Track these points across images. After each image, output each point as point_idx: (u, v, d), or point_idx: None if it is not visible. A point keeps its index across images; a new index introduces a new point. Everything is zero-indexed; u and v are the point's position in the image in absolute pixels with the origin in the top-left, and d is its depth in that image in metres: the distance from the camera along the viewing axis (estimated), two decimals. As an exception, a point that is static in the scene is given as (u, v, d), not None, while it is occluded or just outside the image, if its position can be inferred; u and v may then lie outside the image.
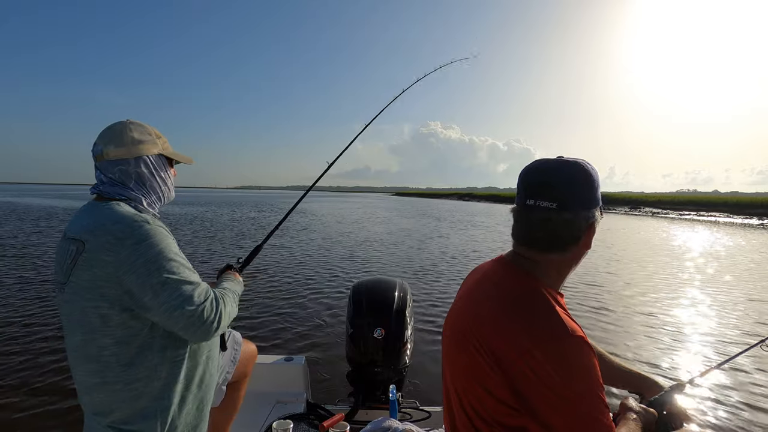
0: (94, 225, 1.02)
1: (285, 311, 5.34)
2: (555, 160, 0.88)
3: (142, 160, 1.17)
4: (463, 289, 1.01)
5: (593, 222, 0.86)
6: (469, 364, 0.85)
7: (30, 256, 8.64)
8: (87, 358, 1.04)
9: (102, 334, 1.01)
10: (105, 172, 1.13)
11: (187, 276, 1.05)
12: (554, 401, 0.73)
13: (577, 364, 0.74)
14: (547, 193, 0.84)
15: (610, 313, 5.62)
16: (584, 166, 0.87)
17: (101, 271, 0.99)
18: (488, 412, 0.82)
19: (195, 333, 1.04)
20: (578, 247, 0.87)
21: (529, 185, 0.87)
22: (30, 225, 14.99)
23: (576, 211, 0.84)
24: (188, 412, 1.12)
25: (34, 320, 4.69)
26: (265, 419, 2.07)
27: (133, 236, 1.00)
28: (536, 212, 0.85)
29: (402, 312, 2.22)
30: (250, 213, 25.88)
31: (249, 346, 1.69)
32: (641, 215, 35.27)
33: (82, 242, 1.01)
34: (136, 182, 1.16)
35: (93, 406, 1.07)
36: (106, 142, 1.13)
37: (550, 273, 0.88)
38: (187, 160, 1.32)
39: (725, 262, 10.38)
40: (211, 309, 1.06)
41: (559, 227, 0.84)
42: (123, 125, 1.16)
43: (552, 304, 0.81)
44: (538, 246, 0.87)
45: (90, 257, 1.00)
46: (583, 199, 0.85)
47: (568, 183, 0.84)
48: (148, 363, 1.04)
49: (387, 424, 1.62)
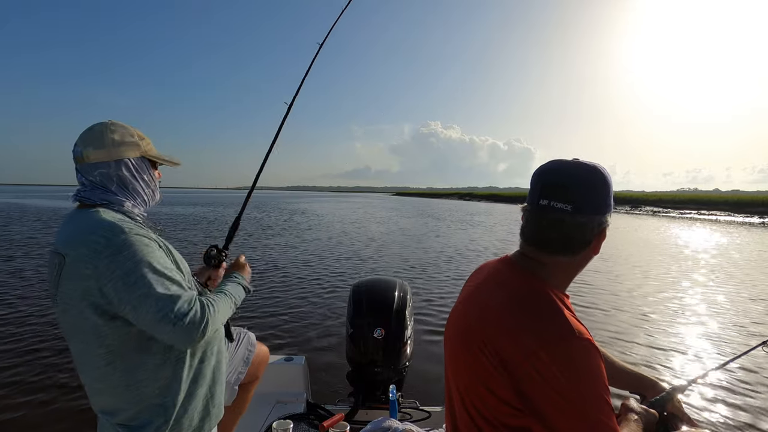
0: (72, 237, 1.01)
1: (285, 311, 5.34)
2: (572, 161, 0.87)
3: (123, 163, 1.13)
4: (466, 289, 1.00)
5: (604, 227, 0.86)
6: (472, 364, 0.84)
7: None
8: (87, 364, 1.05)
9: (96, 343, 1.01)
10: (85, 175, 1.10)
11: (168, 287, 1.00)
12: (560, 403, 0.73)
13: (584, 366, 0.74)
14: (563, 195, 0.83)
15: (608, 313, 5.62)
16: (601, 170, 0.86)
17: (83, 284, 0.98)
18: (491, 412, 0.82)
19: (178, 342, 1.02)
20: (588, 251, 0.86)
21: (544, 185, 0.85)
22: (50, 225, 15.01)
23: (590, 215, 0.83)
24: (195, 407, 1.12)
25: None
26: (265, 419, 2.07)
27: (110, 246, 0.98)
28: (550, 213, 0.83)
29: (402, 312, 2.22)
30: (253, 213, 25.86)
31: (262, 348, 1.68)
32: (642, 214, 35.26)
33: (63, 256, 1.00)
34: (118, 185, 1.13)
35: (100, 406, 1.09)
36: (86, 144, 1.10)
37: (557, 275, 0.87)
38: (172, 162, 1.28)
39: (725, 262, 10.37)
40: (194, 318, 1.01)
41: (571, 230, 0.83)
42: (103, 126, 1.13)
43: (559, 305, 0.80)
44: (548, 248, 0.86)
45: (71, 270, 0.99)
46: (597, 203, 0.84)
47: (584, 186, 0.83)
48: (147, 365, 1.04)
49: (387, 424, 1.62)
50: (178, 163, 1.30)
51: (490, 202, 64.13)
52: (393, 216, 27.62)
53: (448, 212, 33.24)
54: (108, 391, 1.05)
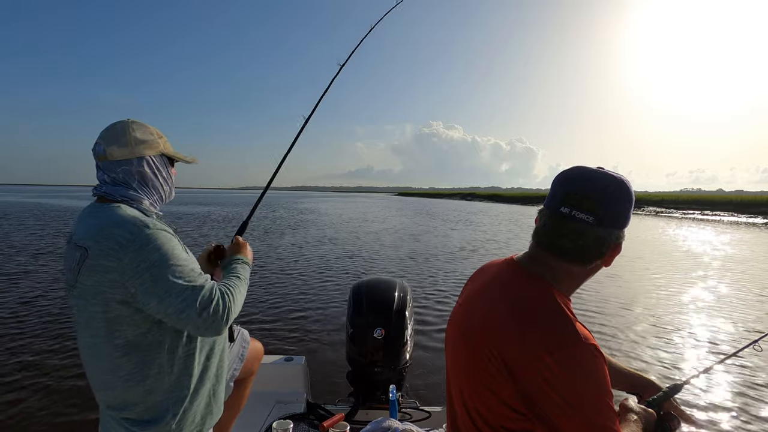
0: (96, 230, 1.03)
1: (285, 311, 5.35)
2: (597, 171, 0.85)
3: (144, 160, 1.16)
4: (469, 290, 0.99)
5: (620, 242, 0.85)
6: (475, 366, 0.83)
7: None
8: (98, 357, 1.06)
9: (111, 335, 1.03)
10: (107, 172, 1.13)
11: (192, 278, 1.04)
12: (565, 408, 0.72)
13: (590, 371, 0.74)
14: (586, 206, 0.81)
15: (607, 312, 5.60)
16: (626, 184, 0.84)
17: (105, 277, 0.99)
18: (493, 415, 0.81)
19: (205, 332, 1.05)
20: (600, 262, 0.86)
21: (568, 194, 0.83)
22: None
23: (610, 229, 0.82)
24: (199, 403, 1.14)
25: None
26: (265, 419, 2.07)
27: (136, 241, 1.00)
28: (570, 222, 0.82)
29: (402, 312, 2.21)
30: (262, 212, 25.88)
31: (256, 344, 1.71)
32: (644, 214, 35.14)
33: (86, 249, 1.02)
34: (139, 182, 1.16)
35: (107, 401, 1.09)
36: (109, 142, 1.12)
37: (565, 281, 0.86)
38: (189, 159, 1.31)
39: (724, 261, 10.32)
40: (217, 308, 1.05)
41: (589, 242, 0.82)
42: (125, 125, 1.15)
43: (564, 309, 0.80)
44: (562, 255, 0.84)
45: (94, 263, 1.00)
46: (619, 217, 0.83)
47: (609, 199, 0.82)
48: (159, 360, 1.06)
49: (387, 424, 1.62)
50: (196, 161, 1.33)
51: (493, 203, 64.07)
52: (394, 216, 27.61)
53: (450, 212, 33.21)
54: (119, 384, 1.06)
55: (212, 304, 1.04)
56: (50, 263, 8.02)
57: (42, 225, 15.45)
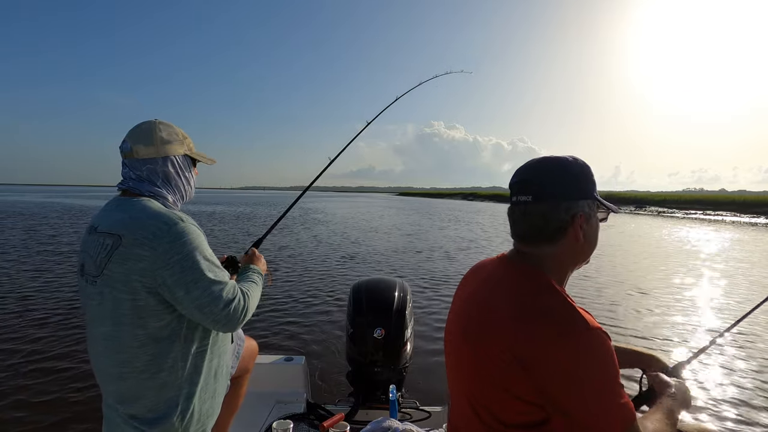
0: (130, 220, 1.06)
1: (285, 311, 5.35)
2: (540, 158, 0.91)
3: (169, 159, 1.20)
4: (466, 289, 0.99)
5: (579, 213, 0.85)
6: (484, 367, 0.83)
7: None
8: (116, 349, 1.07)
9: (133, 325, 1.05)
10: (133, 169, 1.17)
11: (218, 275, 1.09)
12: (583, 393, 0.74)
13: (600, 355, 0.75)
14: (525, 188, 0.88)
15: (605, 312, 5.60)
16: (564, 158, 0.88)
17: (137, 265, 1.02)
18: (506, 411, 0.82)
19: (223, 327, 1.11)
20: (567, 239, 0.86)
21: (513, 184, 0.91)
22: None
23: (552, 202, 0.85)
24: (205, 401, 1.16)
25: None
26: (265, 419, 2.07)
27: (171, 233, 1.04)
28: (517, 207, 0.89)
29: (402, 312, 2.21)
30: (256, 211, 25.97)
31: (250, 342, 1.73)
32: (646, 214, 35.08)
33: (119, 236, 1.04)
34: (163, 181, 1.20)
35: (118, 394, 1.10)
36: (135, 141, 1.17)
37: (551, 266, 0.88)
38: (209, 160, 1.36)
39: (723, 261, 10.29)
40: (238, 305, 1.11)
41: (535, 218, 0.86)
42: (152, 125, 1.20)
43: (565, 297, 0.81)
44: (527, 239, 0.89)
45: (126, 251, 1.03)
46: (561, 190, 0.85)
47: (542, 175, 0.87)
48: (174, 353, 1.08)
49: (387, 424, 1.62)
50: (215, 161, 1.39)
51: (494, 202, 64.00)
52: (395, 216, 27.61)
53: (451, 212, 33.19)
54: (133, 376, 1.07)
55: (234, 302, 1.10)
56: (42, 262, 8.04)
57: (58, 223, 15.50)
